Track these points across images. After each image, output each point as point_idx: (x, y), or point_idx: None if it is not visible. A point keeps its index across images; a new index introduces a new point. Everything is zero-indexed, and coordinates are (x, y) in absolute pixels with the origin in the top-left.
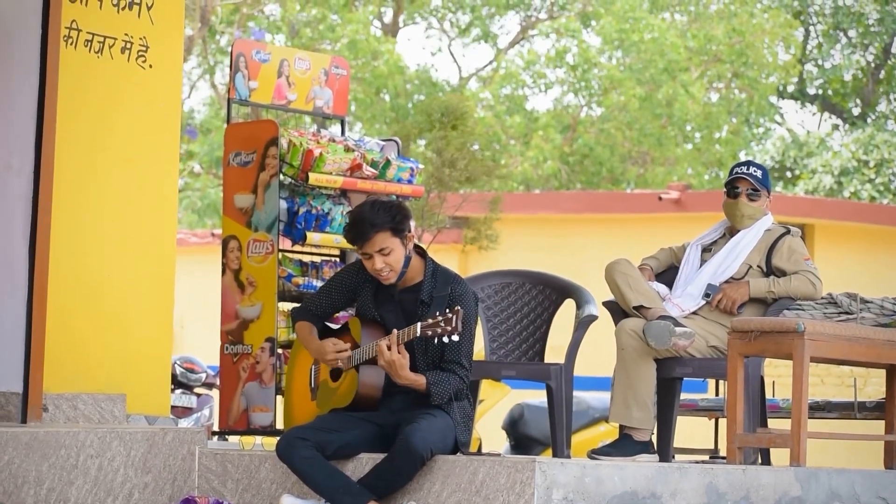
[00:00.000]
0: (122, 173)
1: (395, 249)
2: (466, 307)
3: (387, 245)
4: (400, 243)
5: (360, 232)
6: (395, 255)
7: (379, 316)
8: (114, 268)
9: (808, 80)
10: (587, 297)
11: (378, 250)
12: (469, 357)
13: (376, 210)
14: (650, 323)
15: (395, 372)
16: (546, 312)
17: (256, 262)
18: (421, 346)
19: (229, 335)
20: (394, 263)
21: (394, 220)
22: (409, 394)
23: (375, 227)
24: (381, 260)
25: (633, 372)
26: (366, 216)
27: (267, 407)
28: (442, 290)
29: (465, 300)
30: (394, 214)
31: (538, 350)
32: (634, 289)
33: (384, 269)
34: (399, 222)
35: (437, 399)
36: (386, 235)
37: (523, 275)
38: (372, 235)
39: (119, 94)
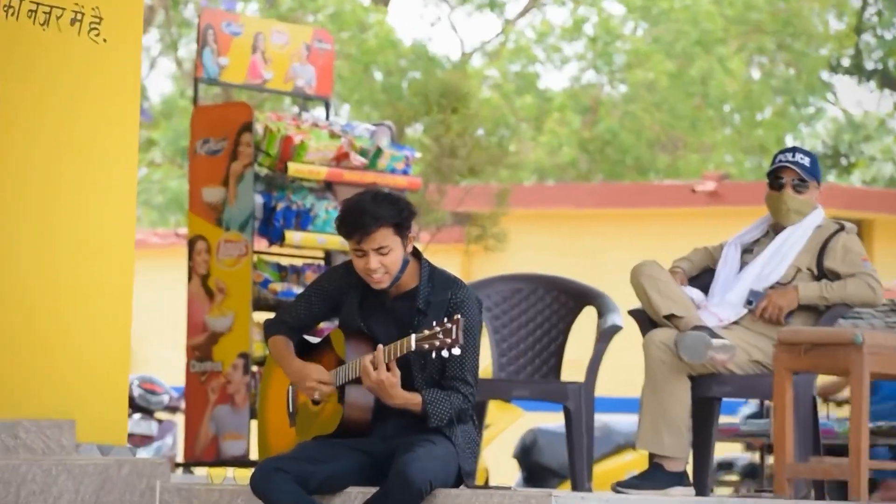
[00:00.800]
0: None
1: (394, 250)
2: (469, 315)
3: (387, 244)
4: (401, 243)
5: (358, 224)
6: (394, 256)
7: (366, 327)
8: (61, 274)
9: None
10: (610, 304)
11: (376, 248)
12: (474, 373)
13: (380, 202)
14: (683, 334)
15: (385, 393)
16: (562, 323)
17: (228, 266)
18: (418, 362)
19: (196, 351)
20: (390, 265)
21: (399, 215)
22: (403, 417)
23: (378, 220)
24: (378, 260)
25: (664, 391)
26: (367, 207)
27: (240, 434)
28: (440, 295)
29: (466, 307)
30: (400, 209)
31: (553, 366)
32: (665, 295)
33: (378, 270)
34: (405, 219)
35: (436, 421)
36: (388, 232)
37: (536, 279)
38: (373, 230)
39: (67, 71)
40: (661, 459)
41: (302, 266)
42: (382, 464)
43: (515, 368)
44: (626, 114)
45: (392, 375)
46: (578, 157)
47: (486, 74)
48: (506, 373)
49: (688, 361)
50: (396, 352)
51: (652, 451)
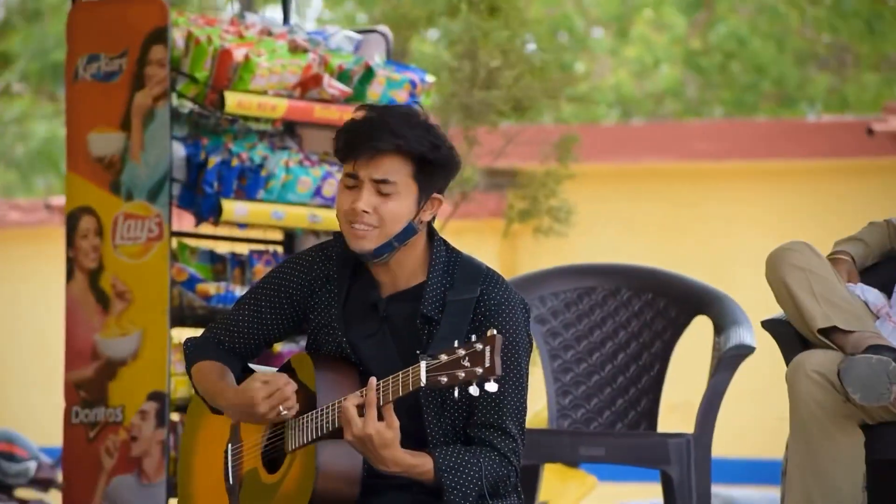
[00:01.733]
0: None
1: (402, 196)
2: (510, 328)
3: (396, 180)
4: (415, 195)
5: (367, 136)
6: (397, 206)
7: (350, 345)
8: None
9: None
10: (735, 313)
11: (379, 179)
12: (518, 418)
13: (413, 121)
14: (852, 359)
15: (376, 454)
16: (660, 342)
17: (131, 257)
18: (433, 402)
19: (81, 390)
20: (386, 218)
21: (434, 149)
22: (408, 490)
23: (397, 139)
24: (372, 199)
25: (822, 449)
26: (391, 120)
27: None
28: (462, 293)
29: (505, 316)
30: (436, 143)
31: (646, 410)
32: (822, 297)
33: (367, 217)
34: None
35: (457, 498)
36: (404, 165)
37: (618, 274)
38: (384, 150)
39: None
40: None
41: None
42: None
43: (585, 414)
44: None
45: (387, 427)
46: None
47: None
48: (570, 420)
49: (860, 402)
50: (397, 389)
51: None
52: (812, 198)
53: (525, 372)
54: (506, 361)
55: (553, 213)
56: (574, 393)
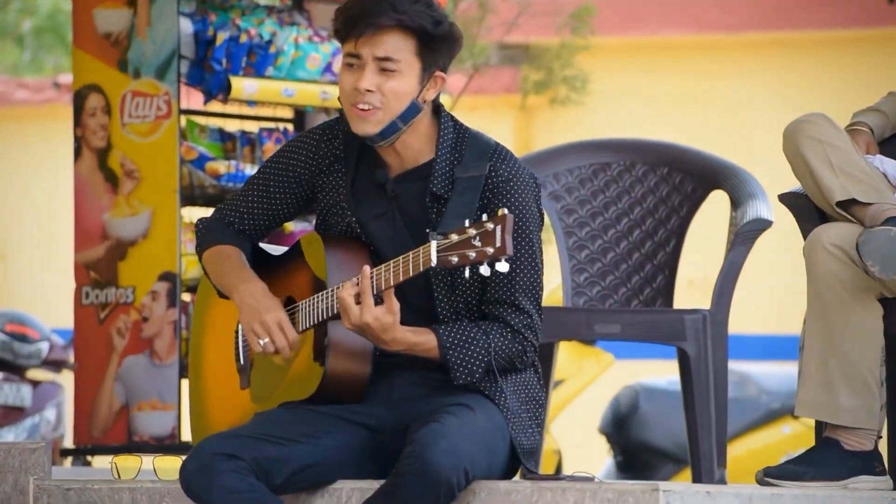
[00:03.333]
0: None
1: (404, 74)
2: (520, 204)
3: (398, 57)
4: (418, 72)
5: (366, 12)
6: (400, 84)
7: (359, 225)
8: None
9: None
10: (752, 185)
11: (381, 56)
12: (533, 293)
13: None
14: (871, 231)
15: (376, 338)
16: (675, 217)
17: (140, 135)
18: (444, 281)
19: (91, 271)
20: (390, 96)
21: (435, 24)
22: (421, 368)
23: (398, 14)
24: (374, 78)
25: (841, 324)
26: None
27: (164, 402)
28: (470, 169)
29: (516, 190)
30: (437, 18)
31: (662, 287)
32: (840, 169)
33: (370, 97)
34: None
35: (462, 373)
36: (406, 42)
37: (632, 148)
38: (385, 26)
39: None
40: (837, 432)
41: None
42: (390, 443)
43: (601, 291)
44: None
45: (386, 312)
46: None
47: None
48: (586, 297)
49: (879, 275)
50: (406, 270)
51: (822, 420)
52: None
53: (538, 247)
54: (517, 238)
55: (569, 82)
56: (589, 270)
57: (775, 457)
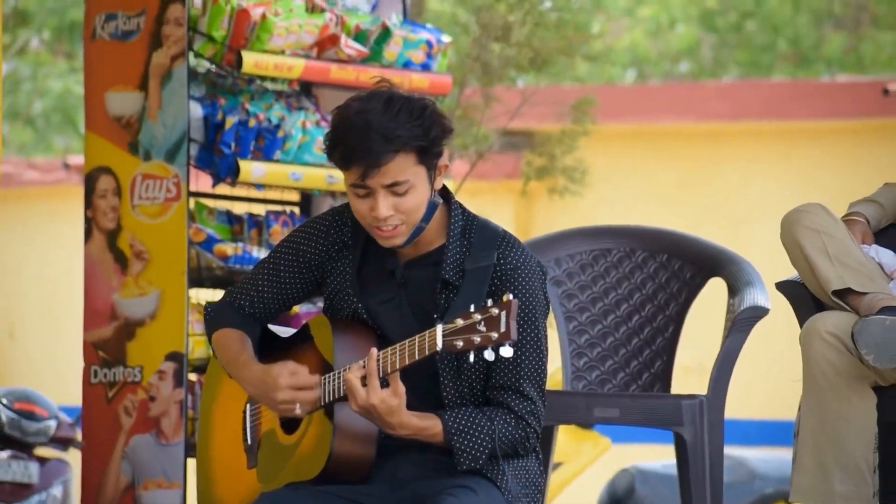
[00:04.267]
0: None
1: (416, 187)
2: (526, 292)
3: (406, 178)
4: (426, 177)
5: (364, 147)
6: (415, 198)
7: (366, 310)
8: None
9: None
10: (749, 274)
11: (389, 184)
12: (536, 382)
13: (396, 112)
14: (865, 321)
15: (381, 421)
16: (674, 304)
17: (149, 217)
18: (449, 366)
19: (100, 350)
20: (410, 211)
21: (426, 133)
22: (424, 452)
23: (394, 142)
24: (390, 202)
25: (835, 411)
26: (376, 121)
27: (170, 481)
28: (480, 259)
29: (522, 278)
30: (427, 124)
31: (660, 372)
32: (836, 259)
33: (392, 219)
34: (434, 139)
35: (466, 459)
36: (408, 160)
37: (633, 235)
38: (386, 157)
39: None
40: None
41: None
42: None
43: (600, 376)
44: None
45: (392, 395)
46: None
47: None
48: (585, 382)
49: (873, 364)
50: (412, 353)
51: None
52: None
53: (543, 334)
54: (522, 324)
55: (568, 172)
56: (589, 355)
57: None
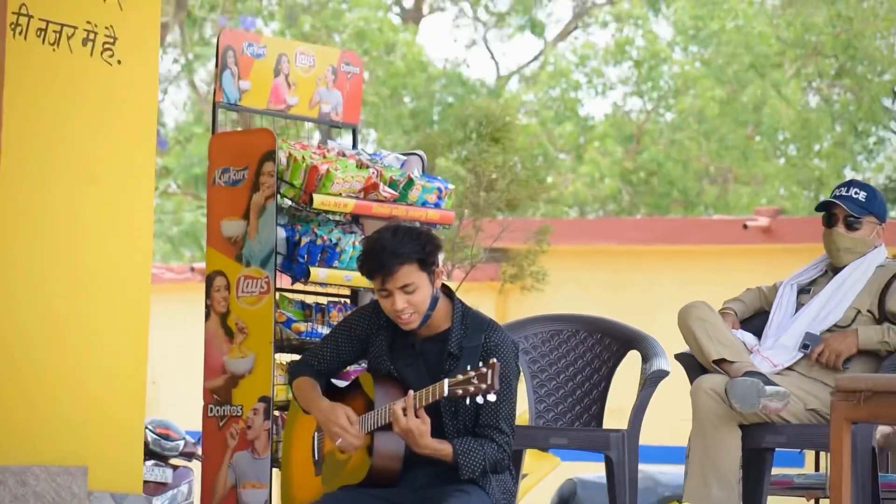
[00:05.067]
0: (82, 193)
1: (421, 287)
2: (504, 360)
3: (412, 281)
4: (427, 280)
5: (379, 263)
6: (421, 294)
7: (396, 371)
8: (72, 310)
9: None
10: (656, 348)
11: (401, 287)
12: (509, 420)
13: (401, 237)
14: (734, 381)
15: (414, 441)
16: (605, 367)
17: (248, 304)
18: (450, 409)
19: (214, 394)
20: (418, 304)
21: (423, 249)
22: (434, 466)
23: (400, 257)
24: (404, 299)
25: (713, 441)
26: (387, 244)
27: (261, 483)
28: (474, 339)
29: (501, 351)
30: (423, 243)
31: (595, 413)
32: (714, 338)
33: (406, 310)
34: (429, 253)
35: (468, 472)
36: (412, 269)
37: (577, 320)
38: (395, 268)
39: (80, 94)
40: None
41: (327, 305)
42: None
43: (554, 415)
44: (672, 143)
45: (422, 423)
46: (621, 189)
47: (524, 100)
48: (544, 420)
49: (739, 410)
50: (428, 397)
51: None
52: (707, 270)
53: (514, 390)
54: (500, 383)
55: (533, 275)
56: (547, 401)
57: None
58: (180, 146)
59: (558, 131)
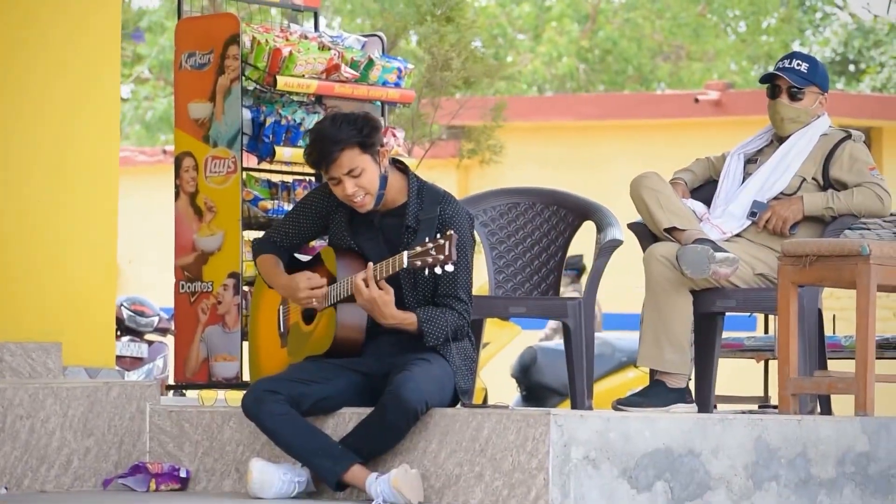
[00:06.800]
0: (52, 80)
1: (366, 169)
2: (460, 231)
3: (356, 164)
4: (371, 161)
5: (322, 152)
6: (368, 176)
7: (356, 245)
8: (44, 193)
9: None
10: (610, 218)
11: (347, 172)
12: (467, 289)
13: (339, 124)
14: (685, 248)
15: (379, 311)
16: (561, 238)
17: (216, 184)
18: (409, 280)
19: (185, 271)
20: (367, 185)
21: (361, 132)
22: (398, 336)
23: (340, 143)
24: (352, 183)
25: (666, 307)
26: (327, 133)
27: (231, 356)
28: (430, 211)
29: (457, 222)
30: (360, 127)
31: (552, 283)
32: (665, 208)
33: (357, 193)
34: (367, 135)
35: (432, 339)
36: (354, 153)
37: (533, 193)
38: (337, 155)
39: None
40: (662, 376)
41: (292, 182)
42: (377, 384)
43: (513, 285)
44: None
45: (385, 293)
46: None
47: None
48: (503, 290)
49: (690, 276)
50: (388, 269)
51: (653, 368)
52: (659, 143)
53: (470, 259)
54: (457, 253)
55: (491, 149)
56: (506, 272)
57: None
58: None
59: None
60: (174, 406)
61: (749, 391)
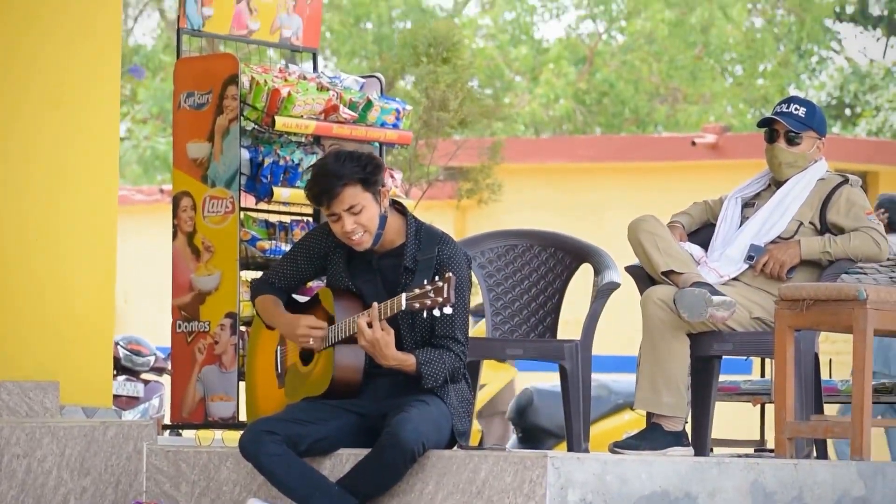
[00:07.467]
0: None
1: (367, 207)
2: (458, 272)
3: (357, 201)
4: (372, 199)
5: (324, 187)
6: (368, 214)
7: (354, 287)
8: (43, 232)
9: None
10: (607, 261)
11: (347, 208)
12: (464, 330)
13: (342, 161)
14: (682, 291)
15: (380, 352)
16: (558, 280)
17: (214, 224)
18: (407, 322)
19: (182, 311)
20: (367, 223)
21: (364, 170)
22: (395, 377)
23: (342, 179)
24: (352, 220)
25: (663, 350)
26: (330, 168)
27: (228, 395)
28: (427, 252)
29: (455, 263)
30: (363, 164)
31: (549, 325)
32: (663, 251)
33: (356, 230)
34: (370, 173)
35: (430, 381)
36: (356, 190)
37: (531, 235)
38: (339, 190)
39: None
40: (659, 419)
41: (290, 223)
42: (374, 425)
43: (510, 327)
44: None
45: (386, 334)
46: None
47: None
48: (500, 332)
49: (687, 319)
50: (387, 311)
51: (650, 411)
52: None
53: (467, 301)
54: (456, 294)
55: (489, 190)
56: (503, 314)
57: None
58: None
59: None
60: (171, 446)
61: (745, 435)
